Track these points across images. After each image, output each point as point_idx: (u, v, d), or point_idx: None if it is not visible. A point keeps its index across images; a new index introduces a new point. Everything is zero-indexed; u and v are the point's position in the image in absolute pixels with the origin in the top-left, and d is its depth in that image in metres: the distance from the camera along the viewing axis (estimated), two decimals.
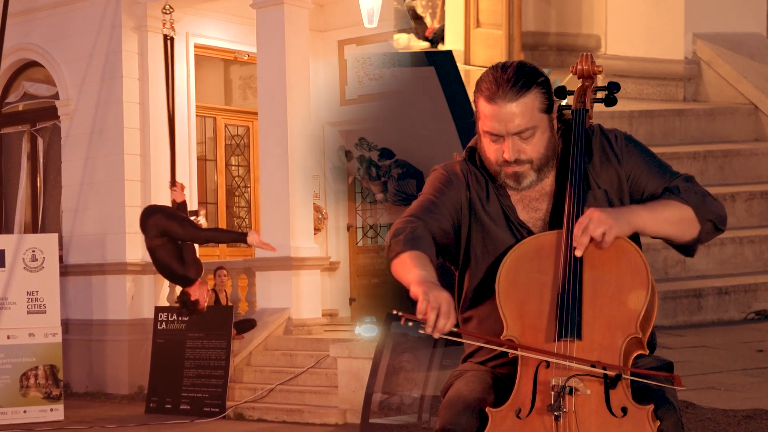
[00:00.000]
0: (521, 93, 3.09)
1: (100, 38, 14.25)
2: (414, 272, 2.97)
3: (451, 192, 3.24)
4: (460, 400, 3.06)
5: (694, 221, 3.13)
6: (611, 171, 3.23)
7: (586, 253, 3.02)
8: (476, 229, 3.24)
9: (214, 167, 15.75)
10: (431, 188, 3.27)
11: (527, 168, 3.16)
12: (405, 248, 3.06)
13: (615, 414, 2.86)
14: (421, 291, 2.88)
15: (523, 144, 3.13)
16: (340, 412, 11.00)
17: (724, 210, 3.20)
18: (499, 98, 3.09)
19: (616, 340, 2.91)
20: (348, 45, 15.10)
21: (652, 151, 3.26)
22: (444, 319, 2.85)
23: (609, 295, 2.97)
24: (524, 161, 3.15)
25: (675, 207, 3.12)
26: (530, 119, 3.11)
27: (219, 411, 11.85)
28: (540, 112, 3.13)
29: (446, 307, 2.85)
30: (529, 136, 3.12)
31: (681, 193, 3.15)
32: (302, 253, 12.95)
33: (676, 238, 3.14)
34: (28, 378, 12.03)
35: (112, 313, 13.94)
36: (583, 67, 3.27)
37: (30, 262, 12.17)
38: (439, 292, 2.88)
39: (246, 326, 12.62)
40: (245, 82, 16.23)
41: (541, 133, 3.15)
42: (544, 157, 3.17)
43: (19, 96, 15.61)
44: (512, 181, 3.18)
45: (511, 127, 3.10)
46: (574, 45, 13.44)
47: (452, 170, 3.30)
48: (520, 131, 3.11)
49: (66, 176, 14.70)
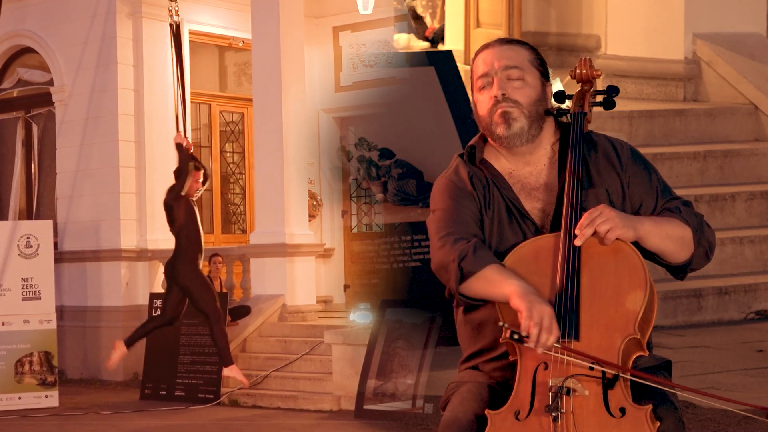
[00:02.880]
0: (512, 44, 3.27)
1: (94, 24, 14.22)
2: (510, 283, 2.99)
3: (466, 200, 3.25)
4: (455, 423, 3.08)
5: (691, 243, 3.15)
6: (614, 175, 3.24)
7: (585, 255, 3.03)
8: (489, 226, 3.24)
9: (208, 154, 15.75)
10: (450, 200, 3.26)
11: (517, 111, 3.18)
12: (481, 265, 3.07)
13: (613, 414, 2.86)
14: (524, 306, 2.91)
15: (511, 86, 3.19)
16: (334, 399, 11.02)
17: (715, 239, 3.24)
18: (490, 46, 3.26)
19: (615, 341, 2.92)
20: (343, 31, 15.08)
21: (655, 169, 3.28)
22: (546, 334, 2.89)
23: (607, 297, 2.98)
24: (511, 101, 3.18)
25: (677, 225, 3.15)
26: (519, 62, 3.21)
27: (213, 397, 11.87)
28: (530, 64, 3.23)
29: (548, 321, 2.89)
30: (517, 78, 3.19)
31: (682, 214, 3.18)
32: (297, 239, 12.96)
33: (672, 256, 3.15)
34: (23, 364, 12.04)
35: (107, 299, 13.96)
36: (581, 72, 3.28)
37: (25, 248, 12.17)
38: (543, 307, 2.92)
39: (241, 313, 12.64)
40: (240, 68, 16.22)
41: (531, 86, 3.21)
42: (533, 108, 3.20)
43: (13, 82, 15.58)
44: (503, 124, 3.19)
45: (500, 63, 3.20)
46: (574, 45, 13.43)
47: (458, 176, 3.30)
48: (509, 67, 3.19)
49: (61, 163, 14.69)
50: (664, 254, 3.14)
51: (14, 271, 12.08)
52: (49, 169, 15.17)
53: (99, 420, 11.03)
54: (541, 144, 3.27)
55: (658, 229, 3.11)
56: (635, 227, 3.06)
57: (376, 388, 10.45)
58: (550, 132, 3.29)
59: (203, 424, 10.64)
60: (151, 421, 10.92)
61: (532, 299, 2.93)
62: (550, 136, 3.30)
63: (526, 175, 3.27)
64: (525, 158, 3.26)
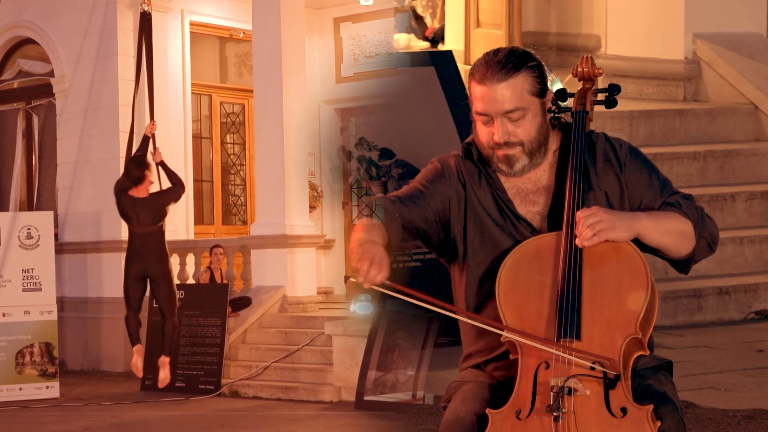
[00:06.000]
0: (510, 74, 3.13)
1: (94, 15, 14.20)
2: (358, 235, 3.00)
3: (440, 185, 3.26)
4: (457, 423, 3.08)
5: (692, 237, 3.15)
6: (612, 176, 3.23)
7: (586, 254, 3.02)
8: (473, 224, 3.24)
9: (209, 145, 15.74)
10: (422, 177, 3.30)
11: (518, 151, 3.17)
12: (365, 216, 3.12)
13: (614, 414, 2.85)
14: (356, 242, 2.93)
15: (513, 126, 3.15)
16: (334, 390, 11.04)
17: (718, 231, 3.22)
18: (488, 79, 3.14)
19: (616, 341, 2.91)
20: (344, 23, 15.08)
21: (655, 165, 3.27)
22: (376, 269, 2.87)
23: (608, 296, 2.97)
24: (514, 143, 3.16)
25: (677, 219, 3.14)
26: (519, 100, 3.13)
27: (214, 388, 11.88)
28: (530, 95, 3.15)
29: (378, 258, 2.88)
30: (518, 118, 3.14)
31: (682, 207, 3.17)
32: (297, 230, 12.96)
33: (674, 250, 3.14)
34: (24, 355, 12.06)
35: (108, 290, 13.96)
36: (583, 69, 3.27)
37: (25, 239, 12.17)
38: (373, 246, 2.91)
39: (241, 304, 12.65)
40: (241, 59, 16.20)
41: (532, 116, 3.16)
42: (535, 141, 3.18)
43: (14, 73, 15.57)
44: (504, 164, 3.20)
45: (500, 107, 3.13)
46: (574, 45, 13.43)
47: (446, 163, 3.32)
48: (509, 111, 3.13)
49: (61, 154, 14.68)
50: (665, 249, 3.13)
51: (15, 262, 12.10)
52: (49, 160, 15.17)
53: (100, 411, 11.04)
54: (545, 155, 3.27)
55: (657, 225, 3.10)
56: (631, 226, 3.05)
57: (377, 380, 10.45)
58: (553, 141, 3.28)
59: (204, 415, 10.65)
60: (151, 412, 10.93)
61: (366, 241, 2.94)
62: (553, 144, 3.29)
63: (524, 181, 3.26)
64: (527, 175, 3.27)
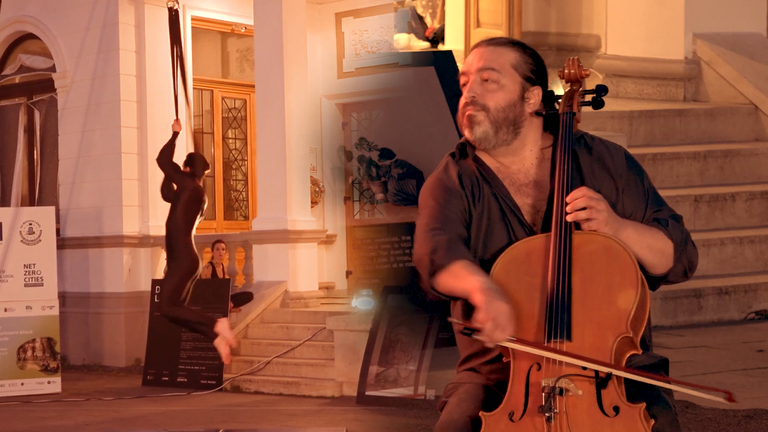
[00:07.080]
0: (500, 44, 3.24)
1: (96, 10, 14.21)
2: (473, 279, 2.97)
3: (453, 198, 3.25)
4: (451, 425, 3.08)
5: (671, 258, 3.14)
6: (608, 179, 3.23)
7: (576, 254, 3.02)
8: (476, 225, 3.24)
9: (211, 140, 15.74)
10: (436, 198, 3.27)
11: (482, 116, 3.19)
12: (450, 259, 3.07)
13: (607, 414, 2.85)
14: (482, 300, 2.89)
15: (483, 89, 3.19)
16: (336, 385, 11.05)
17: (698, 259, 3.22)
18: (480, 45, 3.27)
19: (607, 340, 2.90)
20: (345, 17, 15.06)
21: (647, 175, 3.27)
22: (500, 331, 2.87)
23: (598, 295, 2.96)
24: (479, 104, 3.19)
25: (659, 237, 3.13)
26: (498, 65, 3.19)
27: (216, 384, 11.90)
28: (512, 68, 3.19)
29: (504, 319, 2.87)
30: (492, 82, 3.18)
31: (668, 227, 3.16)
32: (299, 226, 12.97)
33: (649, 266, 3.12)
34: (26, 351, 12.08)
35: (109, 285, 13.98)
36: (570, 71, 3.27)
37: (27, 235, 12.18)
38: (500, 304, 2.90)
39: (243, 299, 12.66)
40: (242, 54, 16.20)
41: (506, 91, 3.19)
42: (501, 113, 3.18)
43: (15, 68, 15.57)
44: (467, 127, 3.21)
45: (477, 63, 3.21)
46: (574, 45, 13.42)
47: (446, 176, 3.31)
48: (483, 69, 3.19)
49: (63, 149, 14.69)
50: (641, 263, 3.09)
51: (17, 258, 12.11)
52: (51, 156, 15.18)
53: (101, 406, 11.06)
54: (525, 146, 3.26)
55: (640, 237, 3.09)
56: (618, 229, 3.05)
57: (378, 374, 10.46)
58: (536, 135, 3.27)
59: (205, 410, 10.66)
60: (153, 407, 10.94)
61: (491, 295, 2.91)
62: (537, 139, 3.28)
63: (514, 172, 3.26)
64: (508, 158, 3.26)
